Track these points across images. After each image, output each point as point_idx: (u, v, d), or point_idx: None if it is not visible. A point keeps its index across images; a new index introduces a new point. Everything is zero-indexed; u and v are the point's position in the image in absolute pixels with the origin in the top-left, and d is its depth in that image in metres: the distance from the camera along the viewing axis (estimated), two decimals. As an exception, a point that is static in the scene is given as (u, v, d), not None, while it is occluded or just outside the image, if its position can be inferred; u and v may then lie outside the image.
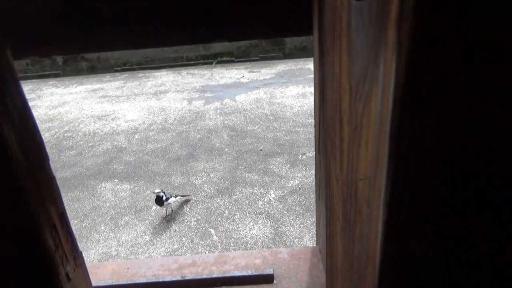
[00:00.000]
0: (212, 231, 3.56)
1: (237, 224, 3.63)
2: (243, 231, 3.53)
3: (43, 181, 0.75)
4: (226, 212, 3.85)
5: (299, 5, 0.87)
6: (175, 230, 3.63)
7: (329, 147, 0.62)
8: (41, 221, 0.73)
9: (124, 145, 5.69)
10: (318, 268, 1.12)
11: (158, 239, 3.53)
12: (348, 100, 0.44)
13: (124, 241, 3.51)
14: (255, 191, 4.16)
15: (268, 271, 1.09)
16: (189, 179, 4.53)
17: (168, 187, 4.34)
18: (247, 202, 3.98)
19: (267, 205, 3.90)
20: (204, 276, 1.09)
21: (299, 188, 4.15)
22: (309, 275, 1.09)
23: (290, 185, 4.23)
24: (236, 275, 1.08)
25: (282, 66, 10.10)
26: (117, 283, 1.07)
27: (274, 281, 1.08)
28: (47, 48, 0.99)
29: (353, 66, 0.41)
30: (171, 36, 0.97)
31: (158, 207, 3.84)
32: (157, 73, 10.42)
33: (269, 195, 4.07)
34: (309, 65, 9.92)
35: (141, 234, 3.61)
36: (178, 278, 1.08)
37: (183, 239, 3.49)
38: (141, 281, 1.07)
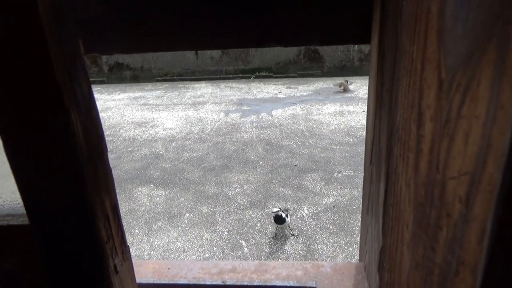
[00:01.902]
0: (243, 243, 3.53)
1: (269, 238, 3.58)
2: (274, 245, 3.47)
3: (101, 172, 0.76)
4: (258, 225, 3.81)
5: (357, 11, 0.86)
6: (207, 239, 3.63)
7: (398, 150, 0.59)
8: (97, 211, 0.74)
9: (161, 152, 5.82)
10: (363, 285, 1.06)
11: (189, 246, 3.53)
12: (435, 94, 0.42)
13: (156, 246, 3.55)
14: (288, 206, 4.09)
15: (311, 283, 1.05)
16: (222, 189, 4.54)
17: (201, 196, 4.37)
18: (279, 216, 3.93)
19: (300, 221, 3.83)
20: (245, 283, 1.06)
21: (334, 206, 4.06)
22: (353, 291, 1.04)
23: (324, 203, 4.14)
24: (277, 284, 1.05)
25: (320, 84, 10.06)
26: (159, 281, 1.06)
27: (317, 295, 1.03)
28: (109, 46, 1.02)
29: (446, 56, 0.38)
30: (224, 40, 0.99)
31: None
32: (197, 85, 10.66)
33: (302, 211, 4.00)
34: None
35: (173, 240, 3.64)
36: (219, 282, 1.06)
37: (214, 248, 3.47)
38: (182, 282, 1.06)
